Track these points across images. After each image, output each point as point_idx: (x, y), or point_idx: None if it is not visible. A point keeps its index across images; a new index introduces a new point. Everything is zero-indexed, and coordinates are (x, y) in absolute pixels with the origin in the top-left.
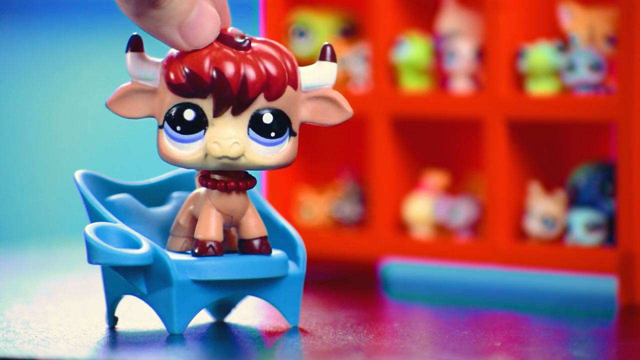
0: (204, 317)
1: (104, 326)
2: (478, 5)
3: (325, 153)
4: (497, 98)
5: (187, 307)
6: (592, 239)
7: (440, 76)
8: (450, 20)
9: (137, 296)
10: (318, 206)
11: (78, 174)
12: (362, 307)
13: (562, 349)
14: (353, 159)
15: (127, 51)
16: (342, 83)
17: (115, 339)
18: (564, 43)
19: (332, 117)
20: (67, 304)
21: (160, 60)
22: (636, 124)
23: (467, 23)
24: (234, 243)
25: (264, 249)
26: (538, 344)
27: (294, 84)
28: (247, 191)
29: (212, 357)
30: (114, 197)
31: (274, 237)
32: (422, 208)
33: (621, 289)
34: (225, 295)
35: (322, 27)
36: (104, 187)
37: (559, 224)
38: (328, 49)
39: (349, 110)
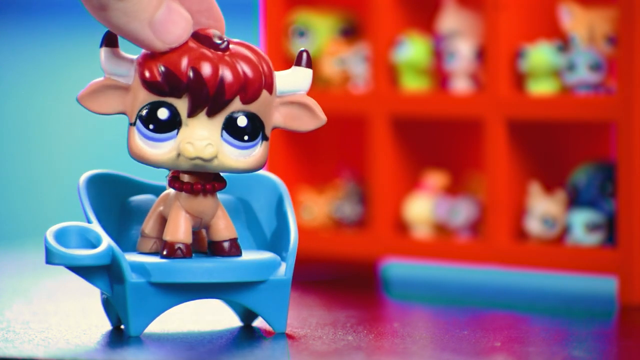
0: (211, 319)
1: (104, 326)
2: (478, 5)
3: (325, 153)
4: (497, 98)
5: (143, 309)
6: (592, 239)
7: (440, 76)
8: (450, 20)
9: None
10: (318, 206)
11: (85, 176)
12: (362, 307)
13: (562, 349)
14: (353, 159)
15: (101, 46)
16: (342, 83)
17: (115, 339)
18: (564, 43)
19: (305, 123)
20: (67, 304)
21: (135, 57)
22: (636, 124)
23: (467, 23)
24: (203, 245)
25: (234, 251)
26: (538, 344)
27: (270, 88)
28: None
29: (214, 357)
30: (134, 198)
31: (281, 239)
32: (422, 208)
33: (621, 289)
34: (193, 299)
35: (322, 27)
36: (129, 187)
37: (559, 224)
38: (304, 54)
39: (322, 117)
